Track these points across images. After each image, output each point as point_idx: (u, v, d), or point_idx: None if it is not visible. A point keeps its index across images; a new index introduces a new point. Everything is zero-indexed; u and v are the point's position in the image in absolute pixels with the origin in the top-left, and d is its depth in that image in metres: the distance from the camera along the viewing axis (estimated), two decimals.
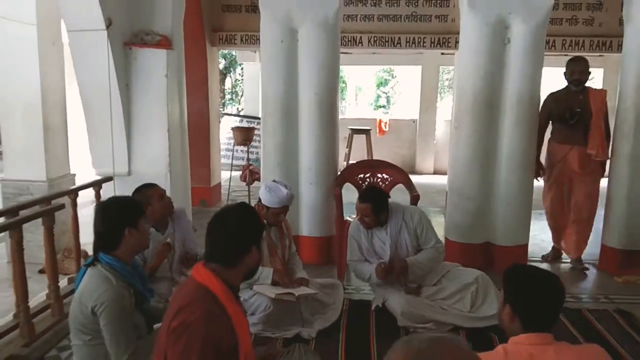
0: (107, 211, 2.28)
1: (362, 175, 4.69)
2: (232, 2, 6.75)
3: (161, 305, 2.80)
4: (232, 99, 16.62)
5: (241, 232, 1.90)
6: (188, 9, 4.73)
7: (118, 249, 2.28)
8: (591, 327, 3.53)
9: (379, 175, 4.68)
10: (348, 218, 4.47)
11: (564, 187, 4.67)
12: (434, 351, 1.06)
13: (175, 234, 3.46)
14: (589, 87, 4.58)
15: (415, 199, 4.29)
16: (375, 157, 9.37)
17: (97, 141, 4.39)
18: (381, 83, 20.26)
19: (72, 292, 3.80)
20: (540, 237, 5.43)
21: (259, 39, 6.65)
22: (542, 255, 5.01)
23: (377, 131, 10.89)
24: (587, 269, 4.67)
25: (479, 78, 4.37)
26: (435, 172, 10.61)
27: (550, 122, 4.71)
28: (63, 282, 4.07)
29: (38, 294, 3.70)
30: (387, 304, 3.54)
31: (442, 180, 8.13)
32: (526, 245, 4.68)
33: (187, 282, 1.96)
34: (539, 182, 4.74)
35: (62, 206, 3.46)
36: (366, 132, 9.35)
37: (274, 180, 3.70)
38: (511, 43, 4.33)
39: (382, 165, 4.79)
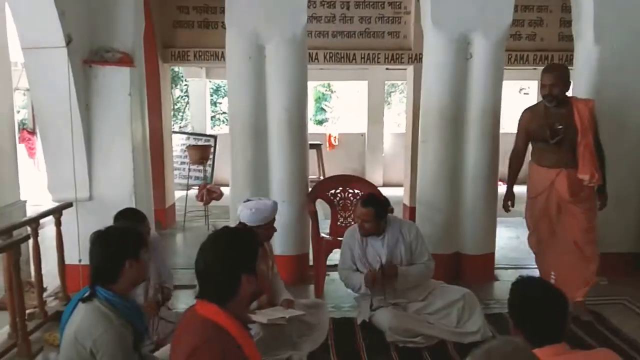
0: (107, 241, 2.12)
1: (333, 191, 4.68)
2: (184, 17, 6.59)
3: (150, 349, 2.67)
4: (174, 116, 16.18)
5: (222, 266, 1.77)
6: None
7: (117, 283, 2.12)
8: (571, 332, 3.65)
9: (350, 190, 4.69)
10: (324, 235, 4.43)
11: (553, 219, 3.92)
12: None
13: (150, 264, 3.27)
14: (572, 98, 3.90)
15: (389, 212, 4.31)
16: (326, 172, 9.43)
17: (55, 164, 4.13)
18: (319, 98, 20.43)
19: (36, 329, 3.56)
20: (503, 244, 5.62)
21: (212, 55, 6.65)
22: None
23: (328, 145, 10.95)
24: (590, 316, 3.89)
25: (445, 93, 4.49)
26: (384, 184, 10.75)
27: (530, 142, 4.01)
28: None
29: None
30: (374, 319, 3.51)
31: (393, 192, 8.26)
32: (493, 254, 4.83)
33: (189, 318, 1.83)
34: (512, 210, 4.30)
35: (27, 237, 3.20)
36: (317, 146, 9.37)
37: (248, 200, 3.58)
38: (473, 58, 4.49)
39: (353, 180, 4.81)
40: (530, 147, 4.08)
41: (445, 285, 3.62)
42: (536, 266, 5.14)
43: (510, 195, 4.17)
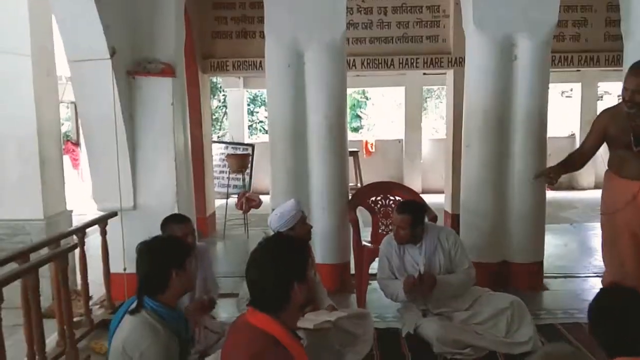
0: (153, 252, 2.12)
1: (374, 198, 4.60)
2: (223, 28, 6.66)
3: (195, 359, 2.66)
4: (212, 125, 16.42)
5: (275, 275, 1.74)
6: None
7: (164, 293, 2.11)
8: None
9: (391, 197, 4.60)
10: (365, 243, 4.36)
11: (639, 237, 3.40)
12: None
13: (197, 273, 3.27)
14: None
15: (432, 220, 4.20)
16: (364, 179, 9.36)
17: (100, 175, 4.20)
18: (354, 105, 20.38)
19: (82, 337, 3.60)
20: (550, 252, 5.42)
21: (250, 65, 6.69)
22: None
23: (364, 152, 10.88)
24: None
25: (489, 96, 4.38)
26: (423, 191, 10.58)
27: (609, 149, 3.56)
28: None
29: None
30: (420, 331, 3.40)
31: (432, 199, 8.11)
32: (541, 262, 4.66)
33: (240, 328, 1.80)
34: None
35: (74, 246, 3.25)
36: (354, 153, 9.32)
37: (273, 209, 3.53)
38: (518, 60, 4.36)
39: (394, 187, 4.72)
40: (600, 153, 3.70)
41: (491, 293, 3.48)
42: (586, 275, 5.00)
43: (557, 169, 3.73)
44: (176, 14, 4.28)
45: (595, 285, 4.66)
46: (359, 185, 9.08)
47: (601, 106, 11.10)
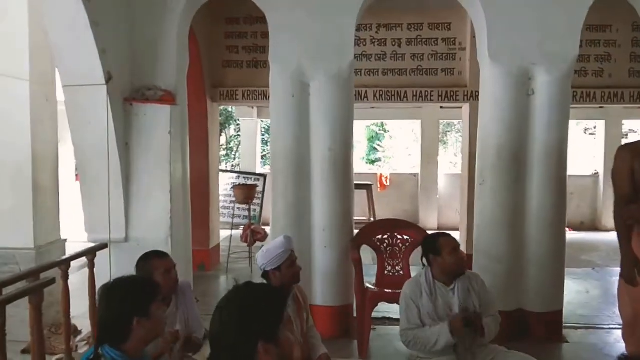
0: (112, 297, 1.88)
1: (380, 237, 4.33)
2: (233, 57, 6.57)
3: None
4: (227, 155, 16.39)
5: (237, 332, 1.50)
6: (189, 64, 4.47)
7: (127, 342, 1.87)
8: None
9: (399, 236, 4.33)
10: (368, 285, 4.07)
11: None
12: None
13: (178, 312, 3.02)
14: None
15: None
16: (378, 213, 9.08)
17: (92, 204, 4.02)
18: (372, 137, 20.20)
19: None
20: (571, 299, 5.05)
21: (260, 94, 6.56)
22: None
23: (379, 186, 10.62)
24: None
25: (504, 131, 4.13)
26: (439, 227, 10.26)
27: None
28: None
29: None
30: None
31: None
32: (561, 311, 4.31)
33: None
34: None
35: (52, 281, 3.04)
36: (367, 187, 9.09)
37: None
38: (535, 94, 4.12)
39: (402, 225, 4.44)
40: None
41: (507, 351, 3.12)
42: (610, 326, 4.61)
43: (634, 261, 3.05)
44: (179, 40, 4.15)
45: (620, 339, 4.27)
46: (372, 219, 8.80)
47: None
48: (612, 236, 9.86)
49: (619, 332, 4.40)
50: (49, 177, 4.45)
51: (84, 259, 3.84)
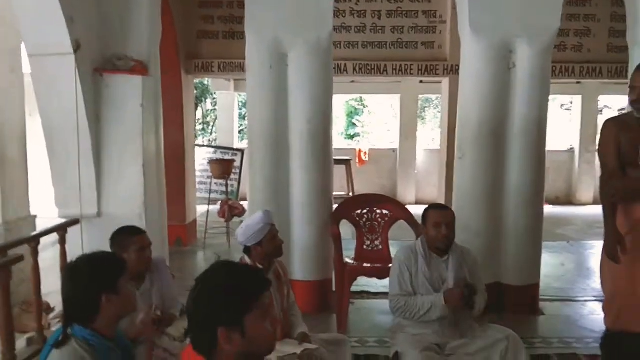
0: (77, 275, 1.80)
1: (359, 211, 4.29)
2: (209, 28, 6.38)
3: None
4: (203, 129, 16.12)
5: (201, 315, 1.43)
6: (162, 34, 4.30)
7: (96, 320, 1.79)
8: None
9: (378, 211, 4.30)
10: (347, 259, 4.04)
11: None
12: None
13: (153, 289, 2.94)
14: None
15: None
16: (356, 188, 9.06)
17: (62, 179, 3.86)
18: (351, 113, 20.08)
19: (33, 356, 3.27)
20: (547, 272, 5.11)
21: (237, 67, 6.39)
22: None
23: (357, 161, 10.58)
24: None
25: (484, 105, 4.09)
26: (417, 202, 10.30)
27: None
28: (21, 342, 3.49)
29: None
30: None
31: None
32: (538, 285, 4.36)
33: None
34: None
35: (20, 258, 2.93)
36: (346, 162, 9.04)
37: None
38: (516, 68, 4.07)
39: (382, 200, 4.41)
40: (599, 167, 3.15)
41: (486, 325, 3.13)
42: (584, 299, 4.69)
43: (617, 237, 2.89)
44: (151, 7, 3.96)
45: (594, 311, 4.35)
46: (350, 194, 8.78)
47: (601, 120, 10.86)
48: (587, 210, 10.05)
49: (594, 305, 4.51)
50: (17, 151, 4.30)
51: (55, 235, 3.72)
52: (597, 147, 3.17)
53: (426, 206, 3.10)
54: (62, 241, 3.71)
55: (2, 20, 3.97)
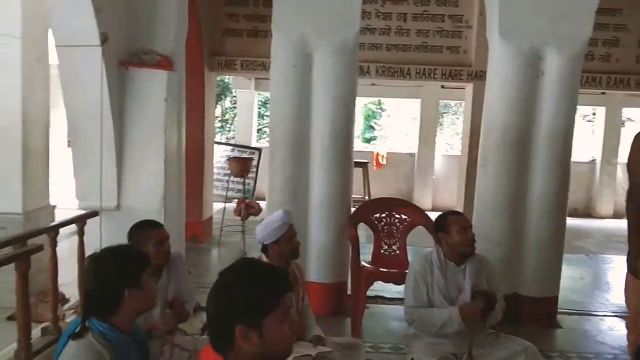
0: (101, 268, 1.78)
1: (377, 215, 4.25)
2: (234, 25, 6.38)
3: None
4: (222, 127, 16.19)
5: (219, 314, 1.38)
6: (188, 30, 4.31)
7: (116, 314, 1.78)
8: None
9: (397, 215, 4.25)
10: (364, 263, 4.00)
11: None
12: None
13: (170, 284, 2.94)
14: None
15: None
16: (372, 192, 9.01)
17: (83, 170, 3.89)
18: (369, 115, 20.02)
19: (47, 346, 3.28)
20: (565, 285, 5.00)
21: (259, 65, 6.39)
22: None
23: (374, 164, 10.53)
24: None
25: (510, 112, 4.03)
26: (433, 209, 10.21)
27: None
28: (36, 331, 3.51)
29: (7, 345, 3.15)
30: None
31: None
32: (556, 297, 4.27)
33: None
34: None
35: (40, 247, 2.93)
36: (363, 165, 8.98)
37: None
38: (545, 76, 4.00)
39: (400, 204, 4.36)
40: (621, 180, 3.08)
41: (503, 336, 3.07)
42: (603, 313, 4.59)
43: (638, 252, 2.76)
44: (178, 3, 3.98)
45: (613, 327, 4.27)
46: (366, 197, 8.73)
47: (625, 132, 10.67)
48: (606, 223, 9.88)
49: (612, 320, 4.41)
50: (39, 141, 4.33)
51: (73, 226, 3.73)
52: (626, 161, 3.09)
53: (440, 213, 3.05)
54: (81, 232, 3.72)
55: (30, 8, 3.99)
